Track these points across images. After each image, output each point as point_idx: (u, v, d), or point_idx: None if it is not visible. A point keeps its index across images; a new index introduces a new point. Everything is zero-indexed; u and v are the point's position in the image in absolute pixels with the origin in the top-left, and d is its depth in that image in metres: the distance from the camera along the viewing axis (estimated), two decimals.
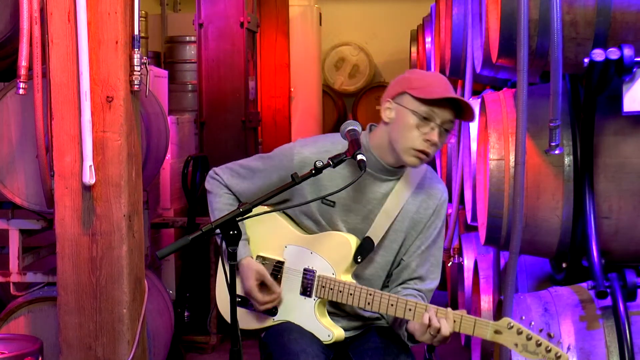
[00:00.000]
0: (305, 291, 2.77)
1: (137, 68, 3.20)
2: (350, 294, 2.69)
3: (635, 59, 2.86)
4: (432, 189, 2.82)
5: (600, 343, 2.96)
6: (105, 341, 3.27)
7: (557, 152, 2.98)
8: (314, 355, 2.66)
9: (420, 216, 2.80)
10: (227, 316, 2.85)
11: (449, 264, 5.18)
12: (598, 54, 2.85)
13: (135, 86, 3.22)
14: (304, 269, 2.78)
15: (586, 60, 2.89)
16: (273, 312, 2.81)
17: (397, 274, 2.83)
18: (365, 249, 2.77)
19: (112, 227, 3.24)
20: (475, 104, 4.04)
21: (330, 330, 2.76)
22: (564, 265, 3.38)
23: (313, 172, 2.53)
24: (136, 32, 3.22)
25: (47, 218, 3.82)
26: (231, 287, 2.45)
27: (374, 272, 2.82)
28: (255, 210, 2.52)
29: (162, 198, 5.67)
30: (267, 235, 2.86)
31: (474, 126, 3.95)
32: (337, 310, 2.84)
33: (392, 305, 2.63)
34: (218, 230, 2.44)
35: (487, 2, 3.48)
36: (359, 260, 2.75)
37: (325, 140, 2.84)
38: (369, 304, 2.67)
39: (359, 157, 2.56)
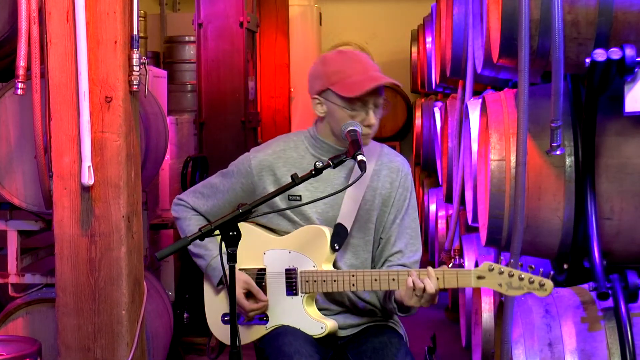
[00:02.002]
0: (291, 290, 2.79)
1: (136, 68, 3.19)
2: (334, 281, 2.72)
3: (637, 59, 2.84)
4: (392, 162, 2.90)
5: (602, 345, 2.94)
6: (104, 343, 3.26)
7: (558, 152, 2.97)
8: (308, 356, 2.67)
9: (387, 191, 2.86)
10: (219, 336, 2.90)
11: (449, 265, 5.16)
12: (599, 54, 2.84)
13: (134, 86, 3.21)
14: (286, 270, 2.80)
15: (587, 60, 2.87)
16: (264, 320, 2.82)
17: (379, 253, 2.88)
18: (340, 235, 2.80)
19: (111, 228, 3.23)
20: (476, 104, 4.03)
21: (323, 323, 2.78)
22: (565, 266, 3.36)
23: (313, 172, 2.56)
24: (135, 32, 3.21)
25: (46, 219, 3.81)
26: (231, 288, 2.45)
27: (360, 255, 2.86)
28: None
29: (162, 199, 5.65)
30: (244, 247, 2.84)
31: (474, 127, 3.93)
32: (332, 306, 2.85)
33: (375, 280, 2.67)
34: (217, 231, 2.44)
35: (487, 2, 3.47)
36: (337, 247, 2.79)
37: (278, 141, 2.93)
38: (353, 285, 2.70)
39: (359, 157, 2.59)
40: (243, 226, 2.82)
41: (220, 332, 2.91)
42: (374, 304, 2.89)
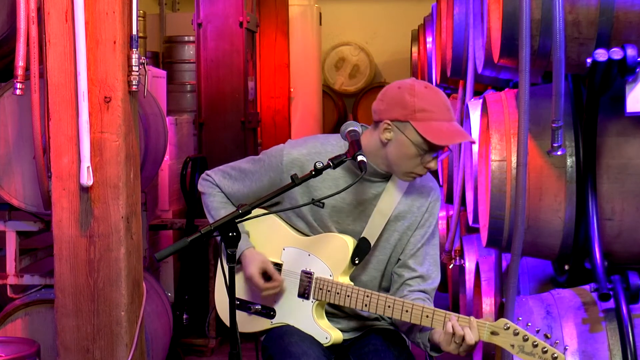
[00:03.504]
0: (303, 293, 2.76)
1: (135, 68, 3.18)
2: (348, 296, 2.68)
3: (639, 59, 2.83)
4: (424, 187, 2.83)
5: (603, 346, 2.94)
6: (103, 344, 3.25)
7: (559, 153, 2.96)
8: (315, 358, 2.66)
9: (414, 215, 2.80)
10: (226, 320, 2.84)
11: (450, 266, 5.15)
12: (601, 54, 2.82)
13: (134, 86, 3.20)
14: (302, 271, 2.77)
15: (589, 60, 2.86)
16: (271, 314, 2.80)
17: (398, 274, 2.82)
18: (362, 250, 2.76)
19: (110, 229, 3.22)
20: (476, 104, 4.02)
21: (328, 333, 2.75)
22: (566, 267, 3.36)
23: (313, 173, 2.53)
24: (134, 31, 3.20)
25: (45, 220, 3.80)
26: (230, 289, 2.43)
27: (369, 272, 2.82)
28: (254, 212, 2.50)
29: (161, 199, 5.64)
30: (265, 238, 2.85)
31: (475, 127, 3.92)
32: (336, 310, 2.83)
33: (389, 306, 2.62)
34: (217, 233, 2.42)
35: (488, 2, 3.46)
36: (357, 261, 2.75)
37: (316, 141, 2.84)
38: (366, 305, 2.66)
39: (360, 158, 2.56)
40: (268, 217, 2.82)
41: (226, 313, 2.87)
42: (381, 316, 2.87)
